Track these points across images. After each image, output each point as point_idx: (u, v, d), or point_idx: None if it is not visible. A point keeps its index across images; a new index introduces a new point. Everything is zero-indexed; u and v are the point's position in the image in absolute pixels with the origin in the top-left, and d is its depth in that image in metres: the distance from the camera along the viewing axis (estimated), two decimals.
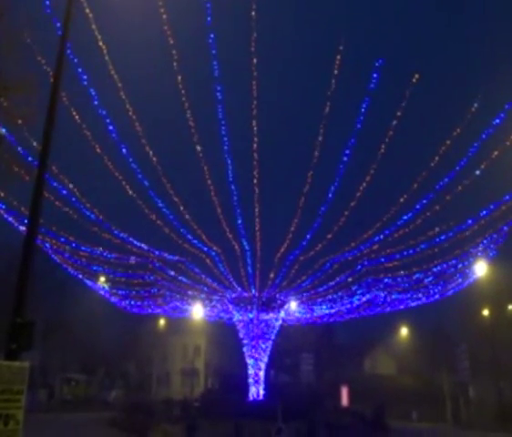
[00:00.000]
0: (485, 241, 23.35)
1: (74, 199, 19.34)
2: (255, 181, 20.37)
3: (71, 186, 18.99)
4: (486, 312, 38.79)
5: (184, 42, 17.65)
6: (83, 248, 22.19)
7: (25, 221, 10.40)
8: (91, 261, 23.79)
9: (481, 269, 25.02)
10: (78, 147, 19.61)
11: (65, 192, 18.79)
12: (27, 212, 9.77)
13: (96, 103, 16.78)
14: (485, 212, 20.64)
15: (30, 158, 14.29)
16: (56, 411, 35.74)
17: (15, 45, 11.99)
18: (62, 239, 21.25)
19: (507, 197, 19.81)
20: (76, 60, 15.83)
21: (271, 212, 22.46)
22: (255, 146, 19.16)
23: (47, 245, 21.66)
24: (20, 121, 13.25)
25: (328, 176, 20.61)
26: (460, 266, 25.37)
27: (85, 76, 16.11)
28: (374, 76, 17.42)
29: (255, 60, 16.98)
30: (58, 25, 12.14)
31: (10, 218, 18.20)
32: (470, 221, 21.23)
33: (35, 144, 14.20)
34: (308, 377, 49.34)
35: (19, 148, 14.67)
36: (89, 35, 15.59)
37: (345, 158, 19.62)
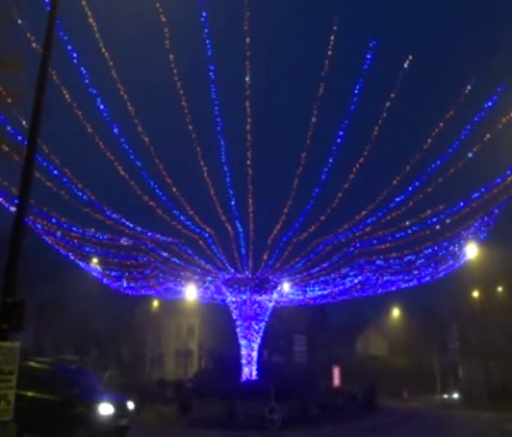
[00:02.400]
0: (476, 224, 23.54)
1: (65, 180, 19.18)
2: (248, 162, 20.30)
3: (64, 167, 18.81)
4: (476, 294, 39.32)
5: (176, 20, 17.37)
6: (75, 229, 22.07)
7: (16, 201, 10.29)
8: (83, 243, 23.71)
9: (472, 251, 25.25)
10: (69, 127, 19.37)
11: (56, 172, 18.62)
12: (17, 192, 9.66)
13: (86, 82, 16.55)
14: (476, 195, 20.77)
15: (20, 137, 14.09)
16: None
17: (3, 21, 11.73)
18: (53, 220, 21.11)
19: (499, 179, 19.95)
20: (65, 38, 15.53)
21: (264, 194, 22.43)
22: (248, 127, 19.06)
23: (39, 226, 21.52)
24: (9, 99, 13.03)
25: (321, 157, 20.59)
26: (451, 248, 25.60)
27: (75, 54, 15.85)
28: (368, 57, 17.30)
29: (248, 39, 16.79)
30: (47, 0, 11.84)
31: (0, 199, 18.01)
32: (462, 204, 21.36)
33: (24, 123, 13.98)
34: (301, 358, 49.91)
35: (8, 127, 14.46)
36: (79, 11, 15.29)
37: (339, 140, 19.60)
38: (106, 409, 12.89)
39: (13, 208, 14.73)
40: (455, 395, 38.64)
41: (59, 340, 44.93)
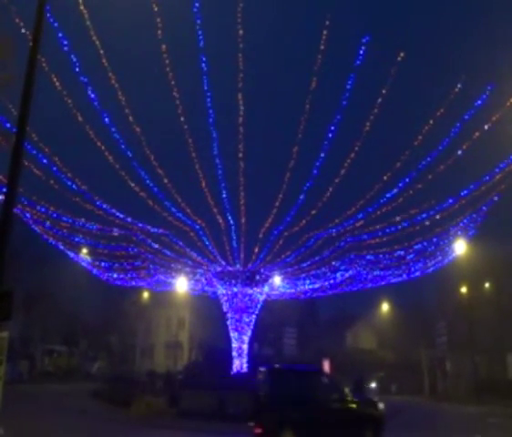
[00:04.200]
0: (464, 220, 23.80)
1: (55, 169, 19.00)
2: (240, 155, 20.24)
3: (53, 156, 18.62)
4: (464, 290, 39.80)
5: (169, 10, 17.21)
6: (64, 218, 21.89)
7: (4, 190, 10.18)
8: (73, 232, 23.54)
9: (460, 247, 25.54)
10: (59, 115, 19.14)
11: (45, 161, 18.43)
12: (6, 180, 9.57)
13: (77, 70, 16.35)
14: (465, 192, 21.00)
15: (8, 125, 13.92)
16: (38, 383, 35.80)
17: None
18: (42, 209, 20.91)
19: (487, 177, 20.17)
20: (56, 24, 15.33)
21: (256, 187, 22.37)
22: (241, 119, 18.97)
23: (28, 215, 21.32)
24: None
25: (313, 151, 20.60)
26: (440, 244, 25.86)
27: (65, 42, 15.64)
28: (361, 52, 17.28)
29: (241, 31, 16.69)
30: None
31: None
32: (451, 200, 21.57)
33: (13, 110, 13.80)
34: (291, 350, 50.27)
35: None
36: None
37: (330, 135, 19.60)
38: (381, 405, 14.09)
39: (1, 196, 14.57)
40: (373, 384, 41.04)
41: (48, 330, 44.72)
